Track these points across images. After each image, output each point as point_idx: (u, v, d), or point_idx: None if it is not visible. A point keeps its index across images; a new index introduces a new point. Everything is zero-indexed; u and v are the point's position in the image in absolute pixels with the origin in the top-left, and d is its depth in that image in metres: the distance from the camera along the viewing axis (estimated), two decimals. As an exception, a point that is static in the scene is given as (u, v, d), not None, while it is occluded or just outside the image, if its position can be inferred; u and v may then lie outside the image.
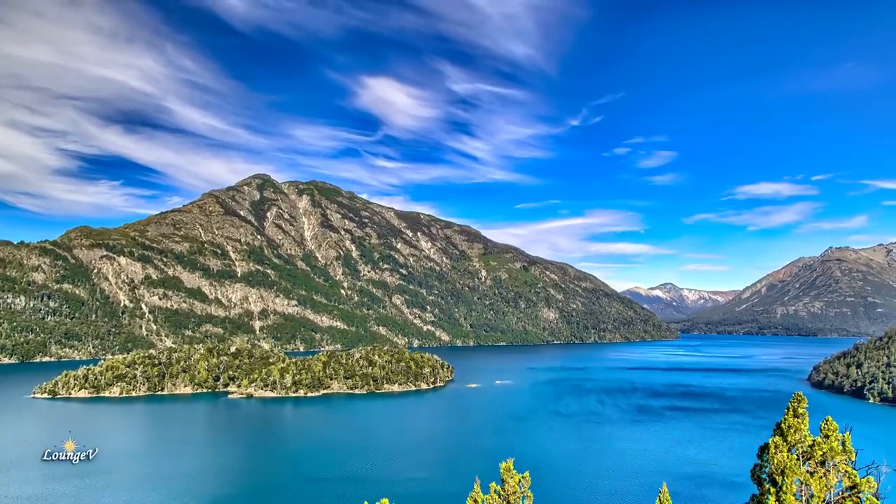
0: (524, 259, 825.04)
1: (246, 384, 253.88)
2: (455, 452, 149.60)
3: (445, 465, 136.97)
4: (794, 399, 29.47)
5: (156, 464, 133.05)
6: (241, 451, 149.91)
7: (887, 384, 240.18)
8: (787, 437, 28.83)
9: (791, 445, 28.83)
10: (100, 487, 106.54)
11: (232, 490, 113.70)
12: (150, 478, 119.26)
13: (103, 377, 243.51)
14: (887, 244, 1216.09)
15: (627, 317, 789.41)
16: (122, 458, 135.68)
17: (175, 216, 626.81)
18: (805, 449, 28.52)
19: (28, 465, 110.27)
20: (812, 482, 27.81)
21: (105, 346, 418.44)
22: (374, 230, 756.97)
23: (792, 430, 28.75)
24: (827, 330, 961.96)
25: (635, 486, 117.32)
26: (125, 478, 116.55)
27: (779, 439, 28.96)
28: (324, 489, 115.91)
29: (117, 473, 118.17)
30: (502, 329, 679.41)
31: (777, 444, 28.86)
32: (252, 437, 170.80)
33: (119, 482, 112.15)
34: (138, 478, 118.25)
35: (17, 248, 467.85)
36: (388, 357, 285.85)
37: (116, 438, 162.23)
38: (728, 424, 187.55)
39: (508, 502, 31.81)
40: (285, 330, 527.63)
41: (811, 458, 28.24)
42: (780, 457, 28.55)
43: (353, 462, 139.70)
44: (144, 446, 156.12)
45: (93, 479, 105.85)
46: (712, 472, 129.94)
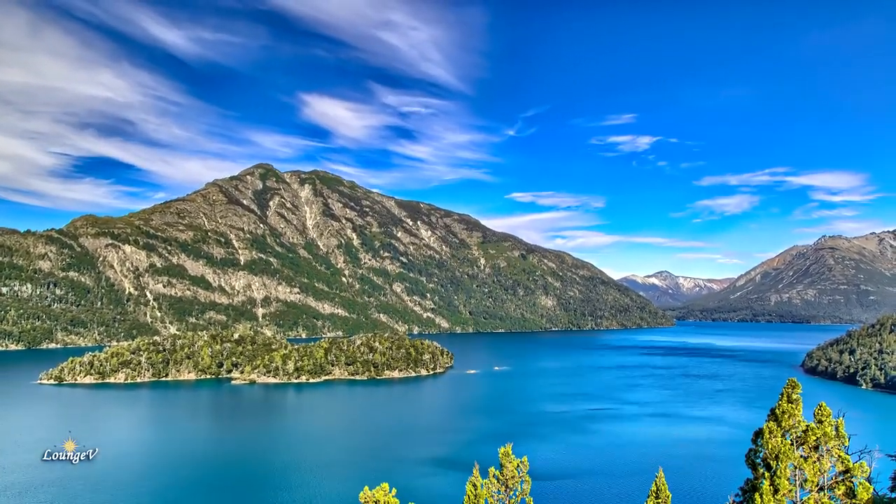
0: (522, 247, 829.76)
1: (249, 370, 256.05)
2: (454, 437, 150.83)
3: (445, 449, 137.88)
4: (787, 385, 29.64)
5: (159, 450, 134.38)
6: (243, 437, 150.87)
7: (879, 370, 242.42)
8: (781, 423, 29.05)
9: (785, 430, 28.99)
10: (103, 479, 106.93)
11: (233, 476, 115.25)
12: (153, 464, 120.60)
13: (108, 363, 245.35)
14: (879, 232, 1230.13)
15: (624, 304, 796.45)
16: (127, 444, 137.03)
17: (179, 205, 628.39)
18: (799, 434, 28.72)
19: (28, 464, 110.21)
20: (806, 467, 28.14)
21: (110, 332, 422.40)
22: (374, 219, 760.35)
23: (786, 415, 28.90)
24: (820, 317, 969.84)
25: (631, 471, 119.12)
26: (128, 466, 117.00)
27: (773, 424, 29.18)
28: (325, 474, 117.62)
29: (119, 464, 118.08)
30: (501, 316, 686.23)
31: (771, 430, 29.04)
32: (255, 423, 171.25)
33: (122, 471, 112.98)
34: (141, 465, 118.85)
35: (24, 236, 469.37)
36: (388, 344, 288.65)
37: (121, 424, 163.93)
38: (722, 410, 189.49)
39: (507, 486, 32.15)
40: (287, 317, 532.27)
41: (805, 443, 28.44)
42: (775, 442, 28.72)
43: (354, 447, 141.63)
44: (149, 431, 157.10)
45: (93, 477, 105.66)
46: (707, 455, 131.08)
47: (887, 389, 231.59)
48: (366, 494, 30.43)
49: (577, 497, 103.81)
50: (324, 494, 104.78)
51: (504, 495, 32.05)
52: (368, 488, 30.72)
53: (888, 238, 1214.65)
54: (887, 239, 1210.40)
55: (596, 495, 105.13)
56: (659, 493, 31.24)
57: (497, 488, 32.14)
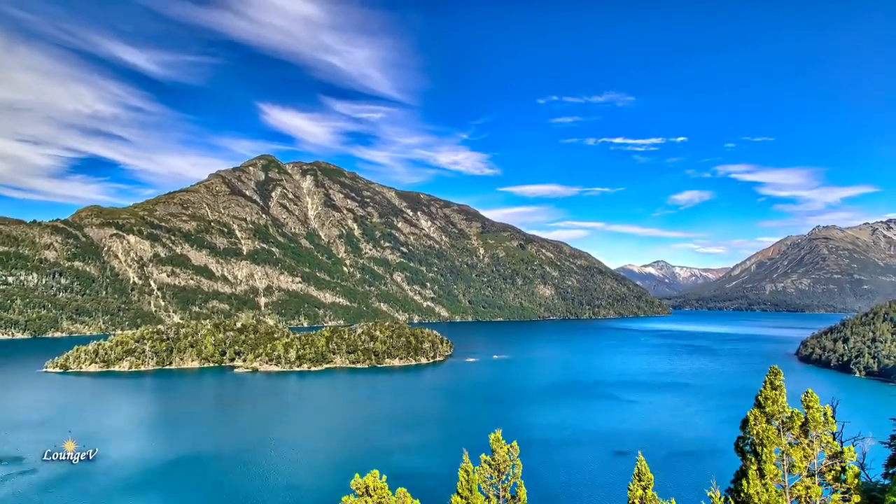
0: (521, 237, 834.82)
1: (251, 358, 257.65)
2: (452, 424, 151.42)
3: (442, 435, 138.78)
4: (770, 372, 30.04)
5: (161, 438, 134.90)
6: (244, 424, 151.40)
7: (873, 358, 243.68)
8: (765, 409, 29.42)
9: (769, 416, 29.27)
10: (104, 472, 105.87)
11: (233, 461, 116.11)
12: (154, 455, 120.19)
13: (113, 352, 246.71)
14: (873, 223, 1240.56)
15: (621, 293, 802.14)
16: (129, 433, 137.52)
17: (183, 196, 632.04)
18: (784, 420, 29.03)
19: (28, 464, 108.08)
20: (793, 452, 28.38)
21: (115, 321, 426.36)
22: (375, 209, 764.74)
23: (769, 401, 29.27)
24: (814, 306, 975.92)
25: (622, 456, 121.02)
26: (129, 458, 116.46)
27: (757, 411, 29.55)
28: (321, 461, 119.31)
29: (123, 452, 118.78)
30: (500, 305, 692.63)
31: (756, 416, 29.38)
32: (256, 411, 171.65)
33: (123, 463, 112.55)
34: (142, 457, 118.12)
35: (30, 226, 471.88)
36: (388, 332, 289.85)
37: (124, 412, 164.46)
38: (716, 399, 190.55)
39: (499, 471, 32.51)
40: (289, 306, 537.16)
41: (791, 428, 28.77)
42: (760, 428, 29.04)
43: (353, 433, 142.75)
44: (152, 419, 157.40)
45: (95, 474, 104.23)
46: (701, 443, 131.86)
47: (880, 377, 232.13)
48: (357, 482, 31.06)
49: (570, 480, 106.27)
50: (318, 481, 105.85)
51: (496, 480, 32.57)
52: (359, 475, 31.25)
53: (881, 228, 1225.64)
54: (880, 229, 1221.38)
55: (589, 478, 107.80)
56: (641, 476, 31.81)
57: (489, 473, 32.62)
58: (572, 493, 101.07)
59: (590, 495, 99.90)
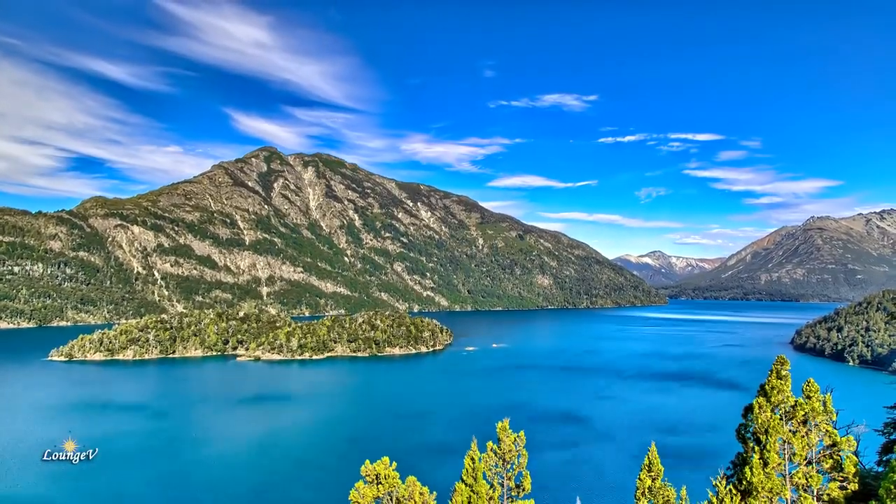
0: (519, 228, 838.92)
1: (254, 347, 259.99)
2: (453, 412, 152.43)
3: (444, 424, 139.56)
4: (777, 362, 30.11)
5: (163, 428, 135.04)
6: (248, 412, 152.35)
7: (866, 347, 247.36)
8: (770, 398, 29.56)
9: (774, 406, 29.42)
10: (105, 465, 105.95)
11: (238, 451, 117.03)
12: (156, 446, 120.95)
13: (117, 341, 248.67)
14: (867, 213, 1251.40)
15: (618, 283, 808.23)
16: (133, 424, 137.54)
17: (186, 187, 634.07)
18: (787, 409, 29.18)
19: (28, 463, 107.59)
20: (794, 441, 28.46)
21: (119, 311, 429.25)
22: (376, 200, 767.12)
23: (775, 391, 29.37)
24: (809, 296, 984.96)
25: (624, 444, 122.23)
26: (133, 450, 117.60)
27: (762, 400, 29.68)
28: (327, 448, 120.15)
29: (123, 448, 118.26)
30: (499, 295, 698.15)
31: (761, 405, 29.48)
32: (259, 399, 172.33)
33: (128, 456, 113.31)
34: (142, 449, 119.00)
35: (35, 217, 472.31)
36: (389, 321, 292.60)
37: (130, 398, 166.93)
38: (713, 386, 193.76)
39: (504, 460, 32.48)
40: (291, 295, 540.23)
41: (793, 417, 28.81)
42: (764, 416, 29.11)
43: (356, 422, 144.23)
44: (155, 408, 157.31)
45: (95, 474, 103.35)
46: (698, 430, 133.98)
47: (874, 366, 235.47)
48: (367, 468, 31.24)
49: (574, 470, 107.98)
50: (325, 468, 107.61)
51: (502, 468, 32.76)
52: (370, 462, 31.30)
53: (874, 219, 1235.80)
54: (874, 220, 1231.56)
55: (593, 468, 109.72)
56: (651, 467, 31.95)
57: (495, 461, 32.76)
58: (571, 476, 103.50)
59: (589, 480, 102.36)
